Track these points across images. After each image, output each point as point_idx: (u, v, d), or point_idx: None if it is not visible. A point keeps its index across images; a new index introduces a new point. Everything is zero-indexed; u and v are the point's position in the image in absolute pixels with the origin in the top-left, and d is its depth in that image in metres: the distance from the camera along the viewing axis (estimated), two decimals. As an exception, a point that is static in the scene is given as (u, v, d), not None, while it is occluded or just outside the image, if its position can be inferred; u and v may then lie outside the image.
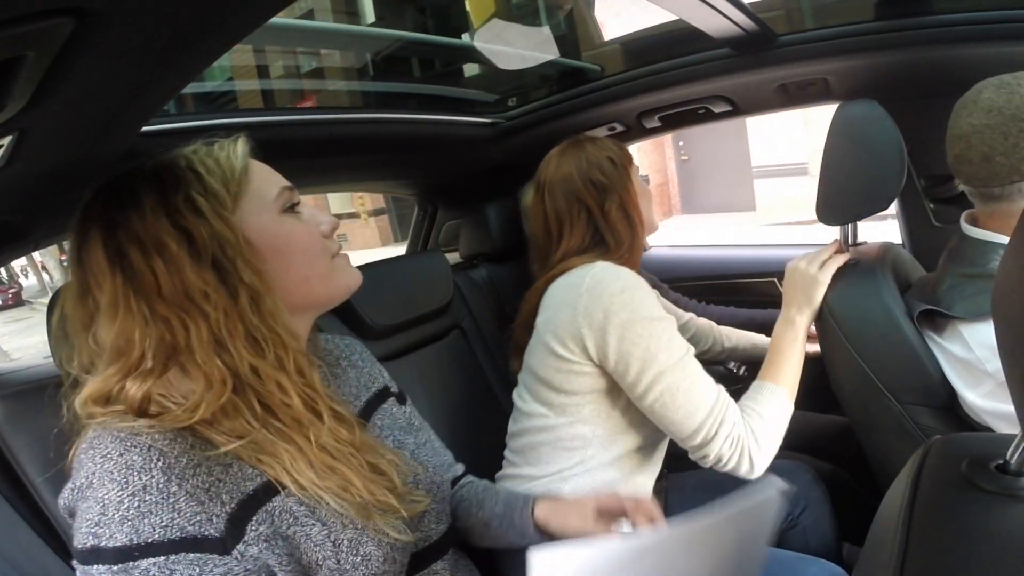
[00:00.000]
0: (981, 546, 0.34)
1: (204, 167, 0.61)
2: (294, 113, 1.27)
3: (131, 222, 0.57)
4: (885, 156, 0.98)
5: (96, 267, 0.57)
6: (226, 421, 0.57)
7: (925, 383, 0.92)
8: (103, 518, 0.50)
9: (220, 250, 0.58)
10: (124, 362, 0.56)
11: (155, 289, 0.56)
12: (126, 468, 0.51)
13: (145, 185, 0.59)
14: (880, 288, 0.98)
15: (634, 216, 1.04)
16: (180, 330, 0.56)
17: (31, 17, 0.33)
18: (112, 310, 0.56)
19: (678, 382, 0.86)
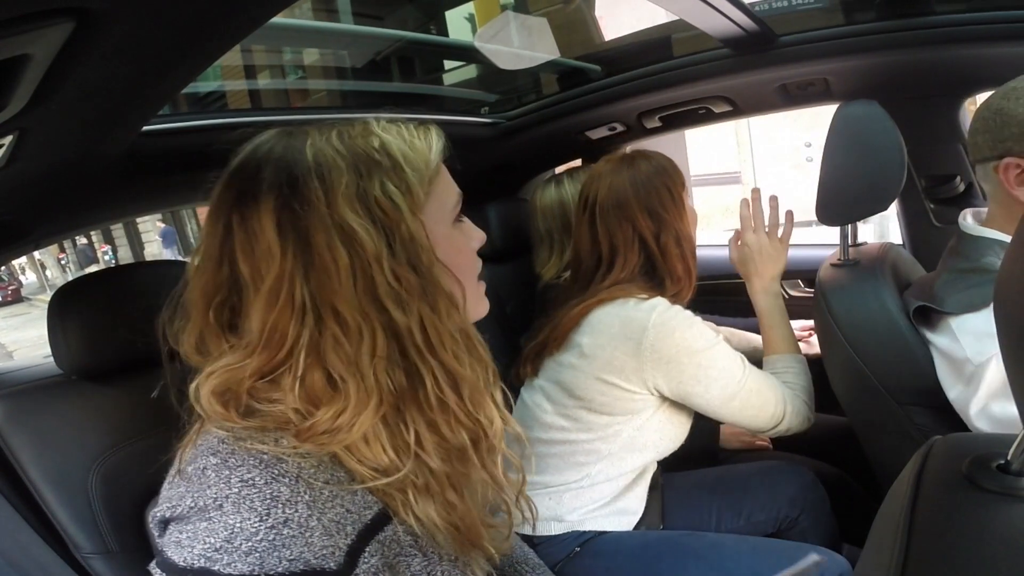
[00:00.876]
0: (982, 546, 0.34)
1: (402, 154, 0.54)
2: (295, 113, 1.27)
3: (316, 199, 0.49)
4: (885, 156, 0.98)
5: (262, 241, 0.49)
6: (365, 448, 0.50)
7: (924, 384, 0.92)
8: (228, 545, 0.44)
9: (416, 252, 0.51)
10: (266, 356, 0.49)
11: (335, 283, 0.48)
12: (271, 499, 0.45)
13: (336, 160, 0.51)
14: (880, 289, 0.98)
15: (688, 250, 1.03)
16: (352, 334, 0.49)
17: (31, 17, 0.33)
18: (272, 295, 0.48)
19: (747, 394, 0.95)
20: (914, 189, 1.33)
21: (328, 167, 0.50)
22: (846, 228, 1.10)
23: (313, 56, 2.73)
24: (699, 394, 0.94)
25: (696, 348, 0.92)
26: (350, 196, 0.49)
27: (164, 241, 13.96)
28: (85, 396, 0.85)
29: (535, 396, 1.02)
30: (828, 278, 1.07)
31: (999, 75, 1.00)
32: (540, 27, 1.54)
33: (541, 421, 0.99)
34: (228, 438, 0.48)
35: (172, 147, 0.92)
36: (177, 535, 0.46)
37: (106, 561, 0.79)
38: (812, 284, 1.55)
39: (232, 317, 0.52)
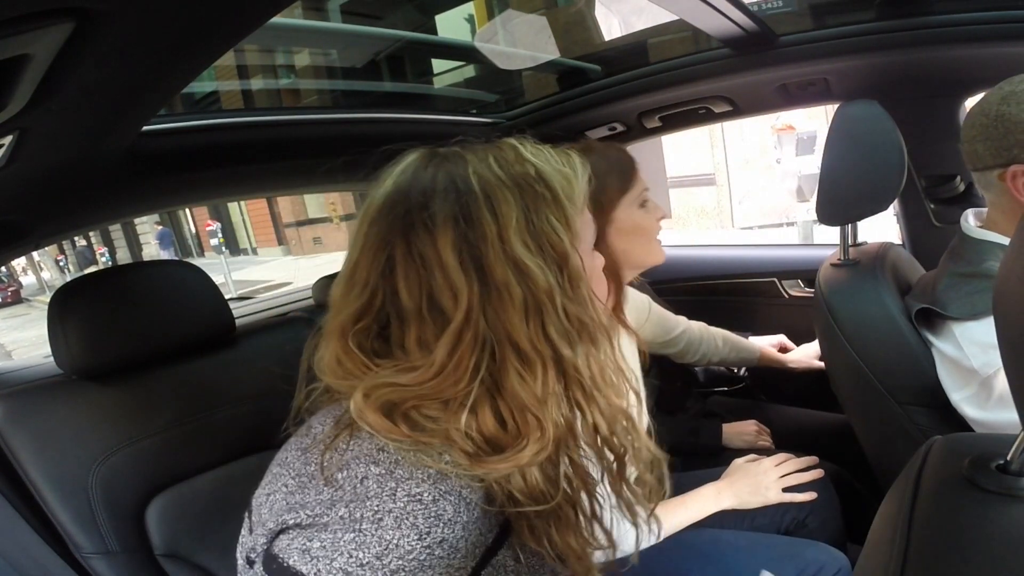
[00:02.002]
0: (982, 546, 0.34)
1: (561, 187, 0.52)
2: (295, 112, 1.27)
3: (491, 233, 0.48)
4: (885, 156, 0.98)
5: (443, 275, 0.48)
6: (518, 477, 0.48)
7: (924, 383, 0.92)
8: (376, 562, 0.42)
9: (579, 289, 0.51)
10: (446, 384, 0.48)
11: (513, 318, 0.47)
12: (435, 518, 0.44)
13: (503, 191, 0.49)
14: (880, 289, 0.98)
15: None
16: (532, 369, 0.48)
17: (31, 17, 0.33)
18: (460, 330, 0.47)
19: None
20: (914, 189, 1.33)
21: (496, 198, 0.49)
22: (846, 228, 1.10)
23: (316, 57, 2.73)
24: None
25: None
26: (521, 230, 0.49)
27: (161, 243, 13.97)
28: (85, 396, 0.84)
29: None
30: (828, 278, 1.07)
31: (999, 75, 1.00)
32: (540, 27, 1.55)
33: None
34: (389, 447, 0.45)
35: (171, 147, 0.92)
36: (306, 542, 0.44)
37: (106, 561, 0.79)
38: (812, 284, 1.55)
39: (382, 342, 0.51)
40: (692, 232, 8.00)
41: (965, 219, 0.95)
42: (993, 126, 0.82)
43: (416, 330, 0.49)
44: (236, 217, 15.50)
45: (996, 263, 0.86)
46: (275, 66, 3.03)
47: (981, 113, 0.85)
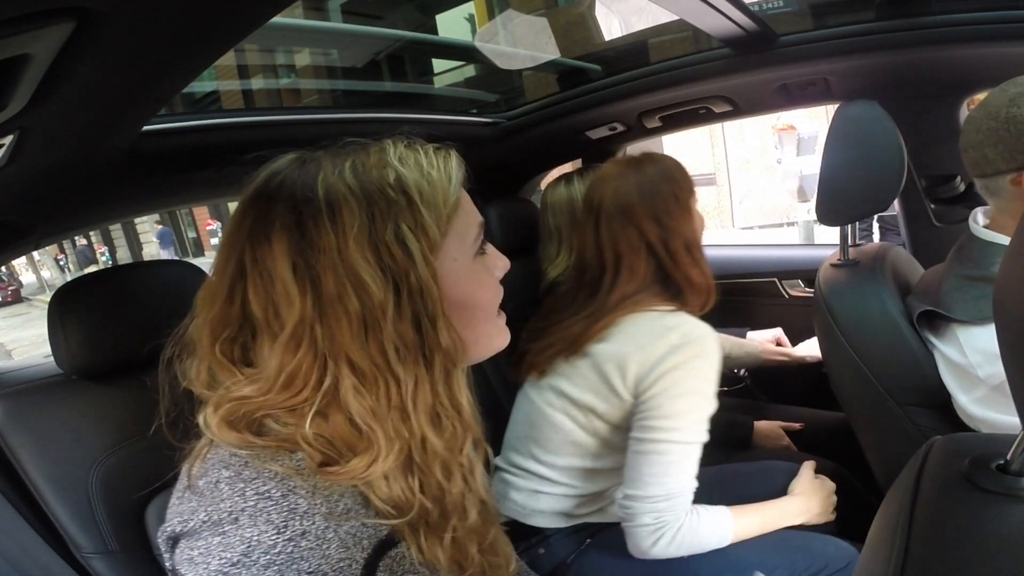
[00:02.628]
0: (982, 546, 0.34)
1: (419, 190, 0.50)
2: (296, 112, 1.27)
3: (328, 245, 0.47)
4: (885, 156, 0.98)
5: (278, 285, 0.47)
6: (384, 487, 0.49)
7: (923, 384, 0.92)
8: (245, 559, 0.43)
9: (422, 303, 0.49)
10: (285, 396, 0.48)
11: (347, 332, 0.47)
12: (288, 512, 0.45)
13: (349, 199, 0.48)
14: (879, 289, 0.98)
15: (701, 256, 0.99)
16: (370, 384, 0.48)
17: (31, 17, 0.33)
18: (292, 341, 0.47)
19: (671, 457, 0.87)
20: (914, 189, 1.33)
21: (339, 207, 0.47)
22: (846, 228, 1.10)
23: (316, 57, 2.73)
24: (645, 411, 0.89)
25: (690, 382, 0.88)
26: (361, 240, 0.47)
27: (161, 242, 13.99)
28: (85, 396, 0.84)
29: (545, 395, 1.01)
30: (828, 278, 1.07)
31: (999, 75, 0.99)
32: (540, 27, 1.55)
33: (551, 421, 0.99)
34: (240, 453, 0.47)
35: (171, 147, 0.92)
36: (189, 552, 0.45)
37: (106, 561, 0.79)
38: (812, 284, 1.55)
39: (243, 351, 0.51)
40: (692, 232, 8.02)
41: (974, 218, 0.93)
42: (1004, 129, 0.80)
43: (267, 339, 0.49)
44: (236, 217, 15.48)
45: None
46: (275, 66, 3.03)
47: (988, 117, 0.82)
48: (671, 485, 0.86)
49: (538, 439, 1.01)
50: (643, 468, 0.87)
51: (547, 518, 1.00)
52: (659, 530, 0.86)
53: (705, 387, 0.88)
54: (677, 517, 0.86)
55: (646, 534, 0.87)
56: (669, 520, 0.86)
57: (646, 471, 0.87)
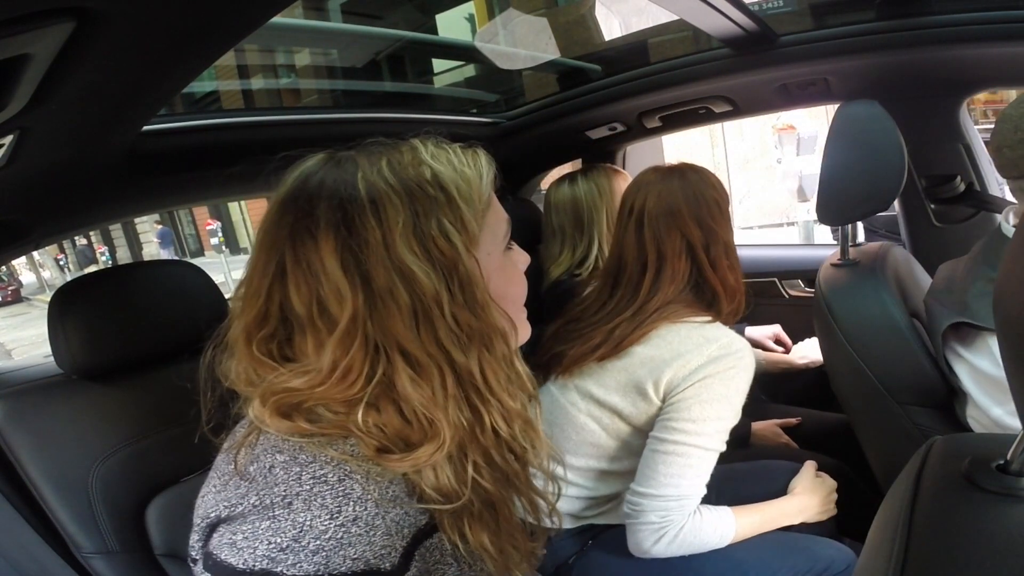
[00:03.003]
0: (982, 546, 0.34)
1: (456, 187, 0.52)
2: (296, 112, 1.27)
3: (375, 240, 0.48)
4: (886, 156, 0.98)
5: (328, 282, 0.48)
6: (430, 473, 0.50)
7: (924, 383, 0.92)
8: (295, 544, 0.43)
9: (472, 292, 0.50)
10: (338, 389, 0.49)
11: (399, 325, 0.48)
12: (343, 496, 0.45)
13: (391, 196, 0.49)
14: (880, 288, 0.98)
15: (737, 263, 1.00)
16: (425, 374, 0.49)
17: (32, 17, 0.33)
18: (347, 336, 0.48)
19: (689, 460, 0.88)
20: (914, 189, 1.33)
21: (383, 204, 0.48)
22: (846, 228, 1.10)
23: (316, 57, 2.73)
24: (671, 412, 0.89)
25: (722, 390, 0.89)
26: (407, 236, 0.48)
27: (162, 242, 13.99)
28: (85, 396, 0.84)
29: (570, 395, 1.01)
30: (828, 278, 1.07)
31: (999, 75, 1.00)
32: (540, 27, 1.55)
33: (574, 421, 0.99)
34: (293, 438, 0.47)
35: (172, 147, 0.92)
36: (231, 536, 0.45)
37: (106, 561, 0.79)
38: (812, 284, 1.55)
39: (279, 348, 0.51)
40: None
41: (1005, 217, 0.90)
42: None
43: (312, 335, 0.49)
44: (236, 216, 15.51)
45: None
46: (275, 66, 3.03)
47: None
48: (684, 487, 0.87)
49: (558, 439, 1.01)
50: (659, 467, 0.88)
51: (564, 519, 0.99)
52: (662, 529, 0.87)
53: (735, 398, 0.89)
54: (683, 517, 0.87)
55: (649, 532, 0.87)
56: (674, 520, 0.87)
57: (662, 471, 0.87)
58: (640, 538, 0.88)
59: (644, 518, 0.87)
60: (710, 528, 0.89)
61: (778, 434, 1.40)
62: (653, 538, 0.87)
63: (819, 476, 1.05)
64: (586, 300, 1.07)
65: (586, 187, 1.40)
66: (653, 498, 0.87)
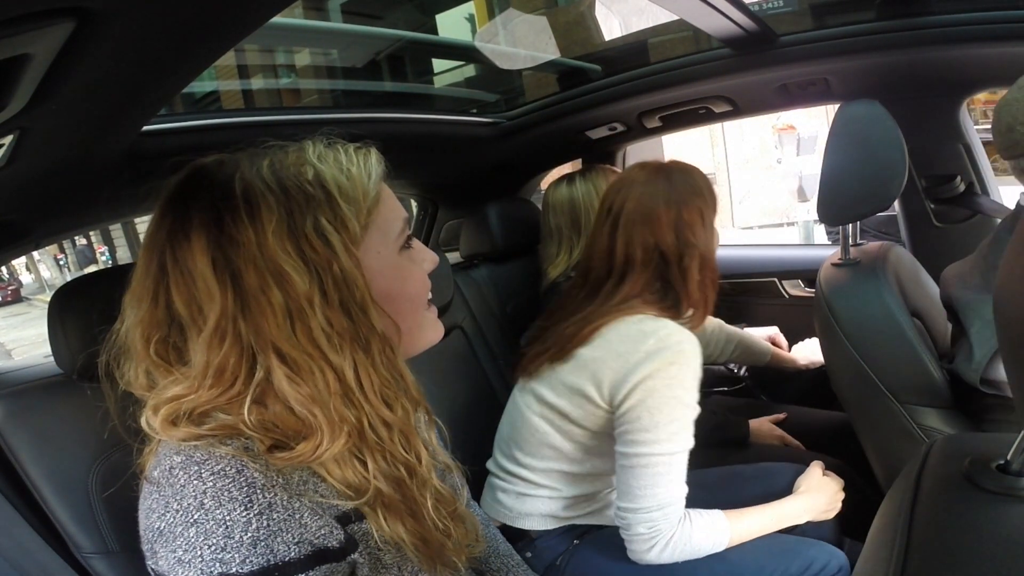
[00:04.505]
0: (982, 546, 0.34)
1: (337, 185, 0.52)
2: (296, 112, 1.27)
3: (247, 239, 0.48)
4: (886, 156, 0.98)
5: (199, 281, 0.48)
6: (336, 469, 0.50)
7: (925, 383, 0.92)
8: (230, 541, 0.44)
9: (350, 293, 0.50)
10: (217, 391, 0.49)
11: (272, 324, 0.48)
12: (247, 486, 0.45)
13: (266, 195, 0.49)
14: (880, 288, 0.98)
15: (710, 277, 0.97)
16: (304, 373, 0.49)
17: (32, 17, 0.33)
18: (216, 336, 0.48)
19: (657, 469, 0.86)
20: (914, 189, 1.33)
21: (257, 203, 0.49)
22: (847, 228, 1.10)
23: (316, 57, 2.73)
24: (625, 423, 0.88)
25: (666, 390, 0.86)
26: (281, 235, 0.48)
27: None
28: (85, 396, 0.84)
29: (525, 398, 1.01)
30: (829, 278, 1.07)
31: (999, 75, 1.00)
32: (540, 27, 1.55)
33: (529, 424, 0.99)
34: (191, 439, 0.48)
35: (172, 147, 0.92)
36: (174, 555, 0.45)
37: (106, 561, 0.79)
38: (812, 284, 1.55)
39: (177, 352, 0.52)
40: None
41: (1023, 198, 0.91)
42: None
43: (194, 337, 0.50)
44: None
45: None
46: (275, 66, 3.03)
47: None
48: (661, 496, 0.86)
49: (519, 442, 1.01)
50: (632, 481, 0.87)
51: (535, 520, 0.99)
52: (652, 539, 0.86)
53: (684, 395, 0.87)
54: (671, 525, 0.86)
55: (640, 543, 0.87)
56: (663, 528, 0.86)
57: (635, 484, 0.87)
58: (634, 548, 0.88)
59: (633, 531, 0.87)
60: (701, 535, 0.88)
61: (772, 429, 1.40)
62: (646, 547, 0.87)
63: (827, 475, 1.04)
64: (559, 301, 1.06)
65: (584, 188, 1.40)
66: (635, 511, 0.87)
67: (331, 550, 0.48)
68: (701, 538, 0.88)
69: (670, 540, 0.86)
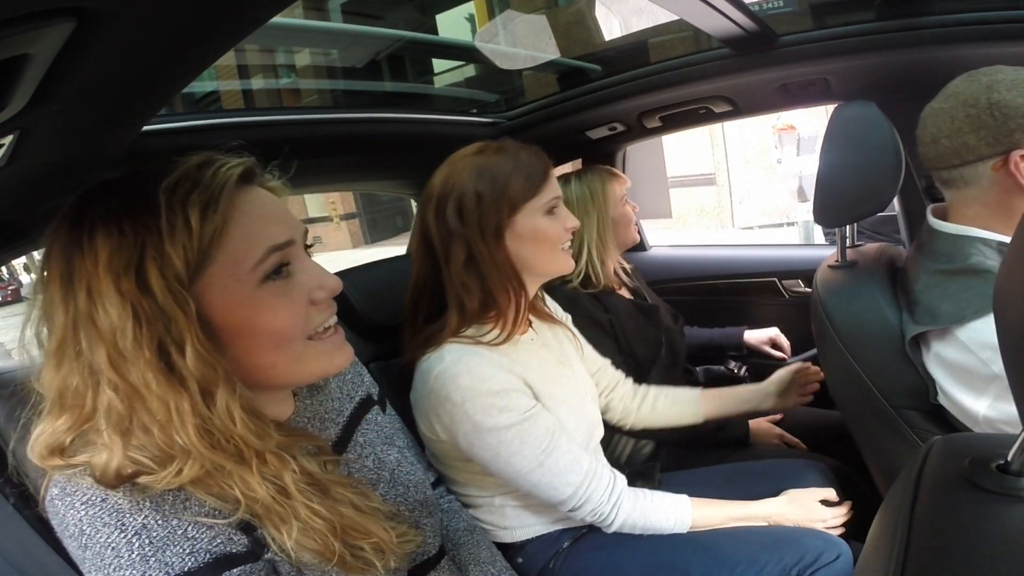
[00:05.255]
0: (982, 546, 0.34)
1: (169, 223, 0.50)
2: (296, 112, 1.27)
3: (84, 266, 0.49)
4: (882, 157, 0.97)
5: (49, 294, 0.50)
6: (203, 489, 0.51)
7: (920, 386, 0.92)
8: (120, 560, 0.46)
9: (165, 330, 0.49)
10: (70, 417, 0.50)
11: (101, 347, 0.48)
12: (115, 512, 0.47)
13: (107, 227, 0.49)
14: (876, 291, 0.97)
15: (491, 273, 0.87)
16: (126, 404, 0.49)
17: (31, 17, 0.33)
18: (58, 354, 0.50)
19: (536, 480, 0.86)
20: (914, 190, 1.33)
21: (95, 237, 0.49)
22: (844, 229, 1.10)
23: (316, 57, 2.73)
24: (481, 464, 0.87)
25: (473, 428, 0.82)
26: (108, 267, 0.48)
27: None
28: (85, 396, 0.84)
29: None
30: (825, 280, 1.07)
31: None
32: (540, 27, 1.54)
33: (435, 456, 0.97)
34: (66, 470, 0.50)
35: (172, 147, 0.92)
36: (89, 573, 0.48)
37: (106, 561, 0.79)
38: (811, 284, 1.55)
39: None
40: (692, 232, 8.02)
41: (931, 215, 0.94)
42: (987, 115, 0.81)
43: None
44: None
45: (982, 258, 0.83)
46: (275, 66, 3.03)
47: (965, 105, 0.83)
48: (561, 490, 0.87)
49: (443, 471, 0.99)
50: (536, 496, 0.89)
51: (521, 530, 0.98)
52: (602, 518, 0.90)
53: (492, 419, 0.83)
54: (608, 506, 0.89)
55: (598, 521, 0.90)
56: (602, 511, 0.89)
57: (541, 497, 0.88)
58: (602, 524, 0.91)
59: (582, 516, 0.90)
60: (659, 514, 0.92)
61: (770, 428, 1.40)
62: (604, 523, 0.90)
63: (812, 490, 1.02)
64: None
65: (579, 190, 1.39)
66: (560, 504, 0.89)
67: (237, 555, 0.50)
68: (659, 516, 0.91)
69: (616, 519, 0.89)
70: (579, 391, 1.00)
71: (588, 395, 1.03)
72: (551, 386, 0.93)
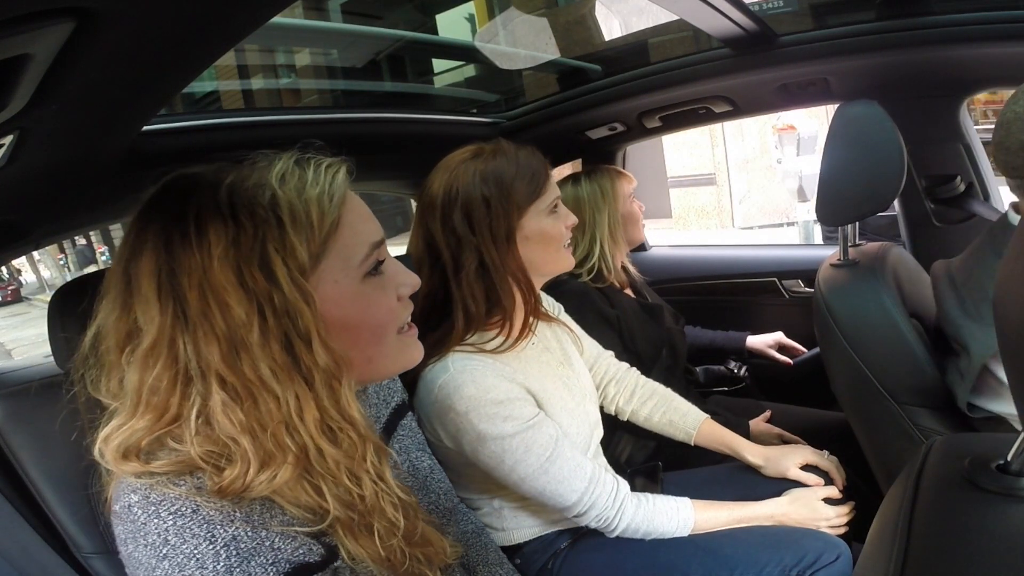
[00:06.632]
0: (982, 545, 0.34)
1: (290, 212, 0.50)
2: (296, 112, 1.27)
3: (194, 264, 0.47)
4: (885, 156, 0.97)
5: (142, 293, 0.48)
6: (289, 492, 0.50)
7: (923, 384, 0.92)
8: (202, 571, 0.45)
9: (292, 325, 0.49)
10: (152, 417, 0.48)
11: (214, 350, 0.47)
12: (206, 523, 0.46)
13: (217, 219, 0.48)
14: (879, 289, 0.98)
15: (504, 285, 0.86)
16: (238, 403, 0.48)
17: (32, 17, 0.33)
18: (152, 354, 0.47)
19: (541, 486, 0.86)
20: (914, 189, 1.33)
21: (206, 228, 0.48)
22: (846, 228, 1.10)
23: (316, 57, 2.73)
24: (487, 470, 0.86)
25: (477, 437, 0.82)
26: (226, 262, 0.47)
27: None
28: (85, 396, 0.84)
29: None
30: (827, 278, 1.07)
31: (999, 75, 1.00)
32: (540, 27, 1.55)
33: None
34: (144, 476, 0.47)
35: (171, 147, 0.92)
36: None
37: (106, 561, 0.79)
38: (812, 284, 1.55)
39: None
40: (692, 232, 8.02)
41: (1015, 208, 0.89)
42: None
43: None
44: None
45: None
46: (275, 66, 3.03)
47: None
48: (566, 496, 0.86)
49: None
50: (542, 502, 0.88)
51: (518, 532, 0.98)
52: (607, 523, 0.89)
53: (496, 428, 0.82)
54: (613, 511, 0.89)
55: (602, 526, 0.90)
56: (607, 516, 0.89)
57: (547, 502, 0.88)
58: (606, 529, 0.91)
59: (586, 522, 0.89)
60: (662, 517, 0.91)
61: (770, 428, 1.40)
62: (608, 528, 0.90)
63: (811, 489, 1.01)
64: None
65: (590, 188, 1.40)
66: (566, 510, 0.88)
67: (313, 564, 0.49)
68: (662, 520, 0.91)
69: (620, 519, 0.89)
70: (580, 391, 1.00)
71: (588, 394, 1.03)
72: (553, 392, 0.93)
